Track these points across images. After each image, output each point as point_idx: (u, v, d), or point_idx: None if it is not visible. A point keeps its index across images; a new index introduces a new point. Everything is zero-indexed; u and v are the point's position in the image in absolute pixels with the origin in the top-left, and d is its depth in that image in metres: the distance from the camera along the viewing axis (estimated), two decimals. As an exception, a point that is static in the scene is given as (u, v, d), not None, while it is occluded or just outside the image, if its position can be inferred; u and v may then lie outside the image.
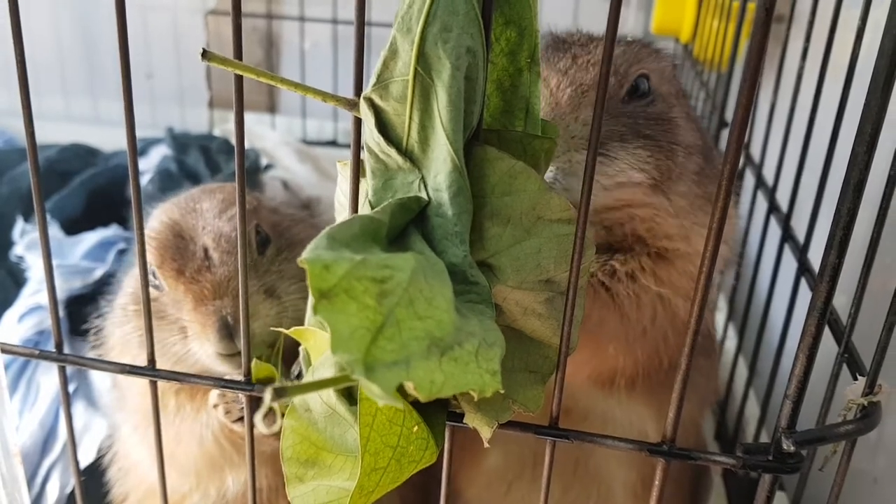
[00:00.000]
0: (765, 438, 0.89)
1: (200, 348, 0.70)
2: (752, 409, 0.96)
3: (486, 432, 0.47)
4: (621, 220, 0.64)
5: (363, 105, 0.43)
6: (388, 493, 0.51)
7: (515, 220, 0.43)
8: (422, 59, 0.40)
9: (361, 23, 0.42)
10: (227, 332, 0.68)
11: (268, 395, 0.34)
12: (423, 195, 0.42)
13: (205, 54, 0.41)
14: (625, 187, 0.61)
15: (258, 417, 0.35)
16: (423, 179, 0.42)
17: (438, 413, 0.48)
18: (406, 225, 0.42)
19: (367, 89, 0.42)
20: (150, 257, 0.72)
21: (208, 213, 0.75)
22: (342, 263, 0.34)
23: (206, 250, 0.72)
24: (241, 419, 0.69)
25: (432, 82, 0.40)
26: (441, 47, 0.39)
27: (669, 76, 0.69)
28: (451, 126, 0.40)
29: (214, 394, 0.71)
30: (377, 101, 0.42)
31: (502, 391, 0.38)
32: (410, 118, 0.41)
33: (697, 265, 0.43)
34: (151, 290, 0.73)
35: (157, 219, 0.76)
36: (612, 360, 0.67)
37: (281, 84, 0.44)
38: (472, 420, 0.47)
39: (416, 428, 0.46)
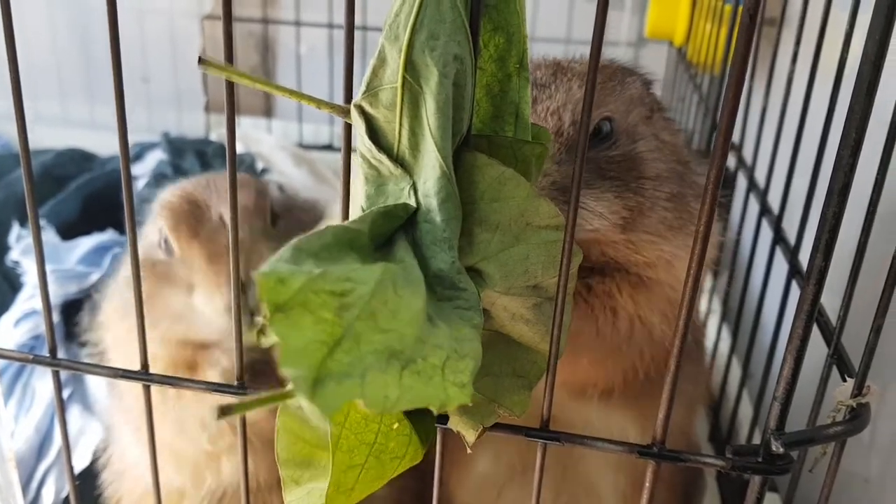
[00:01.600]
0: (758, 440, 0.89)
1: (208, 303, 0.72)
2: (746, 411, 0.96)
3: (470, 436, 0.47)
4: (594, 254, 0.64)
5: (354, 112, 0.43)
6: (382, 500, 0.51)
7: (504, 227, 0.43)
8: (410, 66, 0.40)
9: (351, 30, 0.42)
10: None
11: (213, 412, 0.34)
12: (412, 202, 0.42)
13: (201, 61, 0.41)
14: (593, 232, 0.60)
15: (212, 423, 0.36)
16: (413, 186, 0.43)
17: (425, 411, 0.48)
18: (394, 231, 0.42)
19: (357, 97, 0.43)
20: (164, 222, 0.76)
21: (222, 187, 0.78)
22: (298, 276, 0.34)
23: (221, 217, 0.75)
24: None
25: (421, 89, 0.40)
26: (429, 55, 0.39)
27: (639, 99, 0.68)
28: (440, 133, 0.40)
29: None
30: (367, 108, 0.42)
31: (469, 403, 0.38)
32: (400, 125, 0.42)
33: (677, 290, 0.43)
34: (161, 255, 0.77)
35: (171, 193, 0.79)
36: (585, 372, 0.67)
37: (276, 91, 0.44)
38: (456, 424, 0.47)
39: (396, 425, 0.46)
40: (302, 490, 0.48)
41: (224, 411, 0.35)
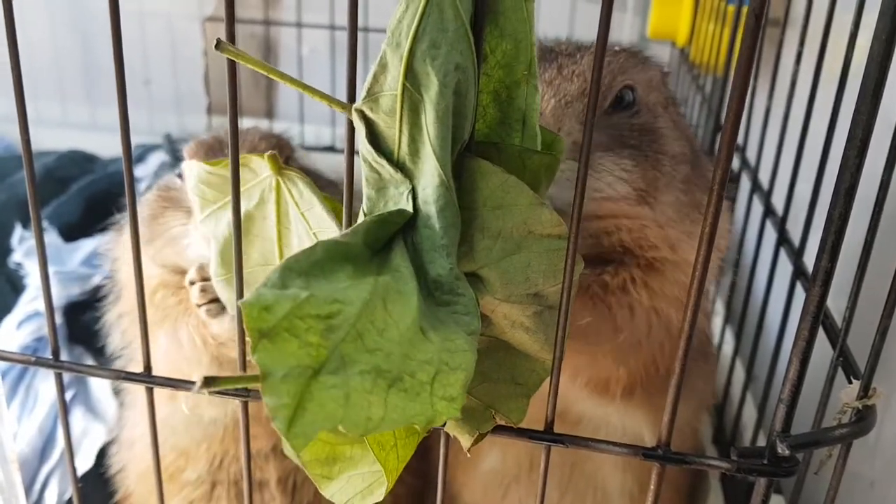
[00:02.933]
0: (762, 442, 0.89)
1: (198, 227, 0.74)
2: (750, 413, 0.96)
3: (465, 441, 0.47)
4: (608, 230, 0.64)
5: (355, 116, 0.43)
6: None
7: (506, 234, 0.43)
8: (410, 74, 0.40)
9: (354, 31, 0.42)
10: None
11: (198, 382, 0.35)
12: (409, 207, 0.42)
13: (219, 44, 0.42)
14: (610, 200, 0.60)
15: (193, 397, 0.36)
16: (413, 191, 0.42)
17: None
18: (393, 236, 0.42)
19: (359, 101, 0.42)
20: (186, 149, 0.81)
21: (252, 137, 0.84)
22: (284, 303, 0.34)
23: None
24: (209, 303, 0.72)
25: (421, 98, 0.40)
26: (429, 64, 0.39)
27: (658, 85, 0.68)
28: (439, 143, 0.40)
29: (192, 271, 0.73)
30: (368, 113, 0.42)
31: (459, 417, 0.37)
32: (400, 132, 0.41)
33: (688, 273, 0.43)
34: (175, 181, 0.81)
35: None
36: (608, 370, 0.67)
37: (285, 80, 0.45)
38: (453, 428, 0.47)
39: None
40: (339, 482, 0.48)
41: (207, 383, 0.36)
